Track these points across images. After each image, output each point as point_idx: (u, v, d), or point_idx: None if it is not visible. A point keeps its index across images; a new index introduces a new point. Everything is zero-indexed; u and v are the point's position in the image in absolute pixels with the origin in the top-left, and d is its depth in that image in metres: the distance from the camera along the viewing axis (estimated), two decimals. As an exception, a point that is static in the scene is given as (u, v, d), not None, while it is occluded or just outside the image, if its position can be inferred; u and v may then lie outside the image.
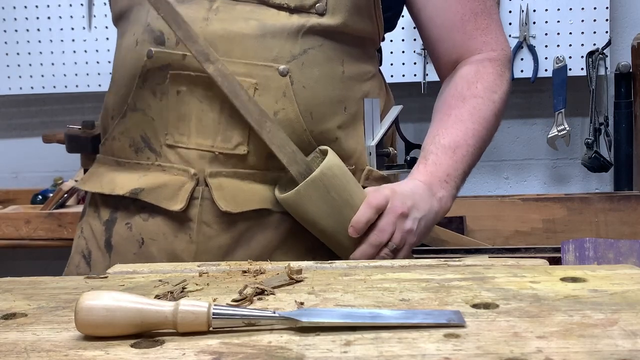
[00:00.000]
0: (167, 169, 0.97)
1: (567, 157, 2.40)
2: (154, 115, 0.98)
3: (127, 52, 1.02)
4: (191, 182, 0.96)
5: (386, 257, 0.92)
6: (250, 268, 0.81)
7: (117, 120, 1.02)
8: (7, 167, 2.56)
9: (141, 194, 0.97)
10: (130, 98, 1.00)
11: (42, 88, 2.39)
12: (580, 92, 2.29)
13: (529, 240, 2.02)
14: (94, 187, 1.04)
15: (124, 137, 1.01)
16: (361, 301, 0.67)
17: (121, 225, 1.01)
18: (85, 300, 0.58)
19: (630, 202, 2.02)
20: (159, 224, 0.98)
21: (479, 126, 1.04)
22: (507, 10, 2.26)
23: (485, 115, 1.05)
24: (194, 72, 0.95)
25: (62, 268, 1.11)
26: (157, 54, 0.97)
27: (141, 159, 1.00)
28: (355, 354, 0.54)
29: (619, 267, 0.77)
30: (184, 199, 0.95)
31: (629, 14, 2.31)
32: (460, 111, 1.04)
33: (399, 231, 0.92)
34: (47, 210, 2.06)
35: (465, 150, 1.02)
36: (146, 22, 0.99)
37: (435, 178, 0.99)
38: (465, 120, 1.03)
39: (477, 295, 0.67)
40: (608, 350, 0.53)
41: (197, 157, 0.96)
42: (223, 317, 0.59)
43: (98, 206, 1.05)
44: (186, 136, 0.96)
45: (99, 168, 1.06)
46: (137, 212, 1.00)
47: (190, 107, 0.95)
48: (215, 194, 0.95)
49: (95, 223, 1.05)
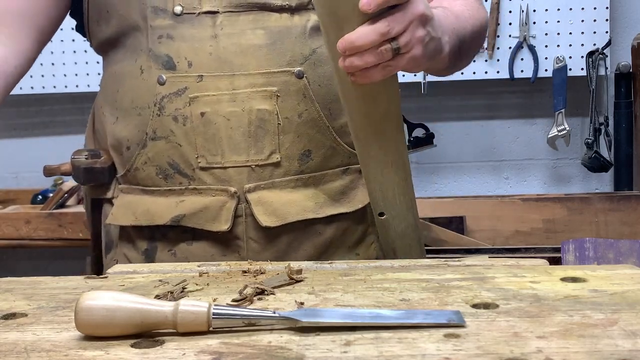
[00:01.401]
0: (204, 191, 0.96)
1: (567, 157, 2.40)
2: (179, 141, 0.96)
3: (130, 80, 0.99)
4: (232, 200, 0.95)
5: (384, 54, 0.78)
6: (250, 268, 0.81)
7: (137, 151, 0.99)
8: (7, 167, 2.56)
9: (183, 220, 0.96)
10: (148, 128, 0.97)
11: (42, 88, 2.39)
12: (580, 92, 2.29)
13: (529, 240, 2.01)
14: (128, 221, 1.01)
15: (148, 167, 0.99)
16: (361, 301, 0.67)
17: (164, 253, 1.00)
18: (85, 300, 0.58)
19: (630, 202, 2.02)
20: (204, 247, 0.98)
21: (470, 18, 0.98)
22: (507, 10, 2.26)
23: (475, 16, 0.99)
24: (214, 91, 0.94)
25: (62, 268, 1.11)
26: (170, 80, 0.95)
27: (172, 185, 0.98)
28: (355, 354, 0.54)
29: (619, 267, 0.77)
30: (228, 218, 0.95)
31: (629, 14, 2.31)
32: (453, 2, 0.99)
33: (410, 33, 0.79)
34: (47, 210, 2.06)
35: (464, 22, 0.95)
36: (148, 48, 0.96)
37: (445, 20, 0.90)
38: (462, 7, 0.98)
39: (477, 295, 0.67)
40: (608, 350, 0.53)
41: (234, 175, 0.96)
42: (223, 317, 0.59)
43: (132, 237, 1.02)
44: (219, 156, 0.95)
45: (126, 199, 1.03)
46: (178, 238, 0.99)
47: (218, 127, 0.95)
48: (255, 209, 0.95)
49: (132, 254, 1.02)
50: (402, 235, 0.97)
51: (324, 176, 0.99)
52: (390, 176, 0.93)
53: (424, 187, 2.46)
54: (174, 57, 0.95)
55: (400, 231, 0.96)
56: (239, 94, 0.94)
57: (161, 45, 0.95)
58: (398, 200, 0.95)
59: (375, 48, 0.78)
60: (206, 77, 0.94)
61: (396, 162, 0.92)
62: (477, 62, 2.28)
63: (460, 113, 2.41)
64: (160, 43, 0.95)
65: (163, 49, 0.95)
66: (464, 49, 0.96)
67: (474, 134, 2.41)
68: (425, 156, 2.37)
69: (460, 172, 2.45)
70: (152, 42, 0.96)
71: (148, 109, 0.97)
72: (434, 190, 2.46)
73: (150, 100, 0.96)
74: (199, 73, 0.94)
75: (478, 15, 1.01)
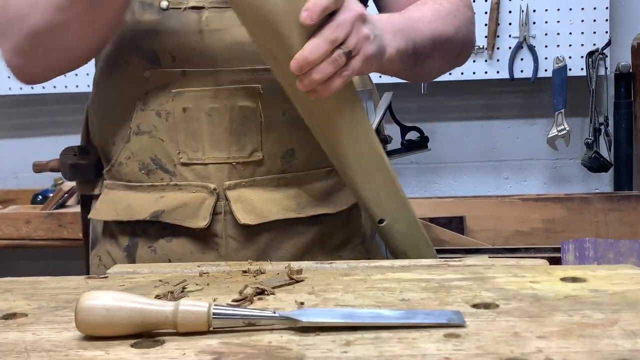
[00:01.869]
0: (184, 187, 0.96)
1: (567, 157, 2.40)
2: (162, 136, 0.96)
3: (117, 75, 0.99)
4: (212, 197, 0.95)
5: (338, 61, 0.80)
6: (250, 268, 0.81)
7: (121, 146, 0.99)
8: (7, 167, 2.56)
9: (162, 215, 0.96)
10: (132, 122, 0.97)
11: (42, 88, 2.39)
12: (580, 92, 2.29)
13: (529, 240, 2.02)
14: (109, 216, 1.01)
15: (131, 162, 0.99)
16: (361, 301, 0.67)
17: (144, 250, 0.99)
18: (86, 300, 0.58)
19: (630, 202, 2.02)
20: (183, 243, 0.97)
21: (436, 20, 0.98)
22: (507, 10, 2.26)
23: (446, 19, 0.99)
24: (196, 87, 0.94)
25: (62, 268, 1.10)
26: (154, 75, 0.95)
27: (154, 180, 0.98)
28: (355, 354, 0.54)
29: (619, 267, 0.77)
30: (206, 215, 0.95)
31: (629, 14, 2.31)
32: (419, 6, 1.00)
33: (356, 34, 0.81)
34: (47, 210, 2.06)
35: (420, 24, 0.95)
36: (135, 43, 0.96)
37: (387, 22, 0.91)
38: (425, 11, 0.98)
39: (477, 295, 0.67)
40: (608, 350, 0.53)
41: (214, 171, 0.95)
42: (223, 317, 0.59)
43: (114, 233, 1.02)
44: (200, 152, 0.95)
45: (109, 195, 1.03)
46: (158, 234, 0.98)
47: (200, 123, 0.94)
48: (234, 207, 0.95)
49: (114, 250, 1.02)
50: (408, 235, 0.96)
51: (308, 176, 0.98)
52: (377, 181, 0.92)
53: (424, 187, 2.46)
54: (159, 52, 0.95)
55: (404, 232, 0.95)
56: (222, 90, 0.93)
57: (147, 40, 0.95)
58: (392, 201, 0.94)
59: (328, 57, 0.79)
60: (189, 72, 0.94)
61: (379, 165, 0.92)
62: (477, 62, 2.28)
63: (460, 113, 2.41)
64: (146, 38, 0.95)
65: (148, 43, 0.95)
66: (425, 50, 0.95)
67: (473, 134, 2.41)
68: (425, 156, 2.37)
69: (460, 172, 2.45)
70: (138, 37, 0.96)
71: (133, 103, 0.97)
72: (434, 190, 2.46)
73: (135, 95, 0.96)
74: (182, 68, 0.94)
75: (452, 19, 1.00)
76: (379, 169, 0.92)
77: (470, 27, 1.05)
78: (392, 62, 0.89)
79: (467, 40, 1.05)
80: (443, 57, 1.02)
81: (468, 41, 1.06)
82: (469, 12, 1.06)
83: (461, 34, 1.02)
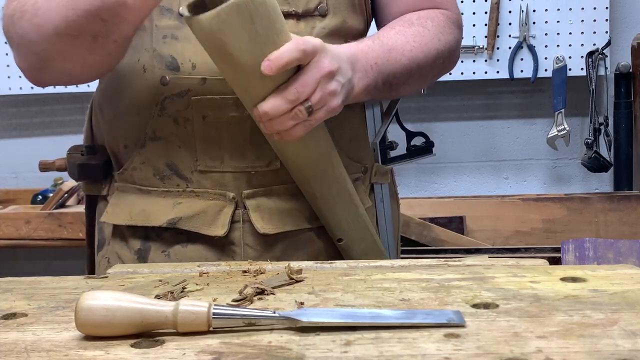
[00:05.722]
0: (201, 194, 0.96)
1: (567, 157, 2.40)
2: (179, 142, 0.96)
3: (132, 79, 0.97)
4: (230, 205, 0.95)
5: (299, 116, 0.82)
6: (250, 268, 0.81)
7: (136, 151, 0.98)
8: (7, 167, 2.56)
9: (179, 222, 0.96)
10: (148, 127, 0.96)
11: (42, 88, 2.38)
12: (580, 92, 2.29)
13: (529, 240, 2.02)
14: (123, 220, 1.00)
15: (146, 167, 0.98)
16: (361, 301, 0.67)
17: (157, 254, 0.99)
18: (85, 300, 0.58)
19: (630, 202, 2.02)
20: (199, 250, 0.97)
21: (418, 48, 0.98)
22: (507, 10, 2.26)
23: (428, 45, 0.99)
24: (217, 95, 0.93)
25: (62, 268, 1.10)
26: (173, 81, 0.94)
27: (170, 186, 0.97)
28: (355, 354, 0.54)
29: (619, 267, 0.77)
30: (225, 223, 0.95)
31: (629, 14, 2.31)
32: (404, 29, 0.99)
33: (321, 91, 0.82)
34: (47, 210, 2.06)
35: (400, 55, 0.96)
36: (152, 47, 0.95)
37: (363, 57, 0.92)
38: (408, 36, 0.98)
39: (477, 295, 0.67)
40: (608, 350, 0.53)
41: (231, 180, 0.95)
42: (223, 317, 0.59)
43: (125, 236, 1.01)
44: (219, 160, 0.95)
45: (121, 198, 1.02)
46: (173, 239, 0.98)
47: (220, 131, 0.94)
48: (252, 215, 0.95)
49: (124, 252, 1.02)
50: (364, 254, 1.00)
51: None
52: (339, 209, 0.97)
53: (424, 187, 2.46)
54: (178, 58, 0.94)
55: (361, 251, 1.01)
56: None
57: (165, 45, 0.94)
58: (352, 227, 0.99)
59: (289, 112, 0.82)
60: (210, 80, 0.93)
61: (341, 195, 0.97)
62: (477, 62, 2.28)
63: (460, 113, 2.41)
64: (165, 43, 0.94)
65: (167, 49, 0.94)
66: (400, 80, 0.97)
67: (473, 134, 2.41)
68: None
69: (460, 172, 2.45)
70: (156, 41, 0.95)
71: (149, 109, 0.96)
72: (434, 190, 2.46)
73: (151, 101, 0.95)
74: (202, 76, 0.93)
75: (435, 44, 1.00)
76: (341, 199, 0.97)
77: (454, 48, 1.04)
78: (358, 97, 0.92)
79: (448, 62, 1.05)
80: (420, 82, 1.04)
81: (449, 63, 1.06)
82: (456, 31, 1.05)
83: (442, 59, 1.02)
